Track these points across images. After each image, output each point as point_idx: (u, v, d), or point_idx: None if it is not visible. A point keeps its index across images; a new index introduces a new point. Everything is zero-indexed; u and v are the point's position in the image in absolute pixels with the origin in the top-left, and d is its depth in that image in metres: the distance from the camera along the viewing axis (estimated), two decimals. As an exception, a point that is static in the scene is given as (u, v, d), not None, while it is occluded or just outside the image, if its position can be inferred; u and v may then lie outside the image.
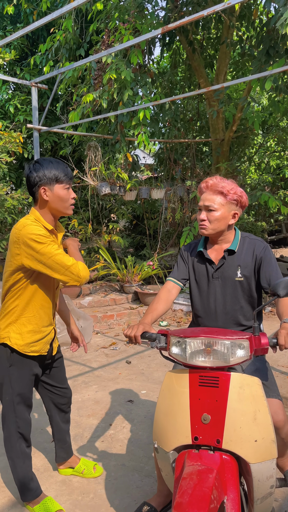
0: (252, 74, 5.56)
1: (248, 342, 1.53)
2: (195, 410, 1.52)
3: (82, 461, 2.50)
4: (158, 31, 3.76)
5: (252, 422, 1.45)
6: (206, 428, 1.49)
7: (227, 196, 1.91)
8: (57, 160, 2.01)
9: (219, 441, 1.46)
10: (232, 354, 1.52)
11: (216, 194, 1.93)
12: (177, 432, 1.53)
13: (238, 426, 1.45)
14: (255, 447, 1.43)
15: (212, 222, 1.94)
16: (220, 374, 1.53)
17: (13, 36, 4.02)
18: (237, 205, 1.96)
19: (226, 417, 1.47)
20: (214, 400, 1.50)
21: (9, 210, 5.96)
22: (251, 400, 1.48)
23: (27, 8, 7.67)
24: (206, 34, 7.28)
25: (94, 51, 5.89)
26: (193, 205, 6.76)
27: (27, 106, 7.77)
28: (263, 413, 1.47)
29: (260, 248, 1.97)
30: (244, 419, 1.46)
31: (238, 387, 1.50)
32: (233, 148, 8.07)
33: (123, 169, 6.27)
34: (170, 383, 1.62)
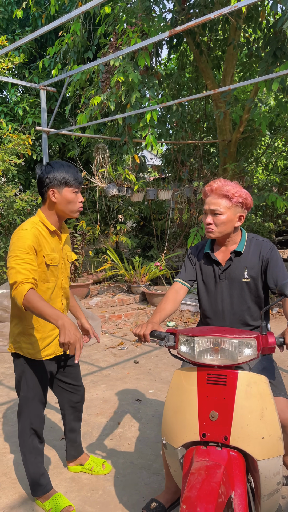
0: (259, 76, 5.58)
1: (256, 341, 1.56)
2: (203, 407, 1.55)
3: (91, 458, 2.55)
4: (166, 34, 3.80)
5: (259, 419, 1.48)
6: (214, 425, 1.52)
7: (232, 199, 1.92)
8: (68, 164, 2.06)
9: (227, 438, 1.49)
10: (239, 353, 1.55)
11: (221, 198, 1.94)
12: (186, 428, 1.56)
13: (245, 423, 1.48)
14: (262, 444, 1.46)
15: (219, 226, 1.95)
16: (228, 372, 1.56)
17: (22, 40, 4.09)
18: (242, 207, 1.97)
19: (233, 414, 1.50)
20: (222, 397, 1.53)
21: (18, 211, 6.04)
22: (258, 397, 1.51)
23: (36, 12, 7.76)
24: (213, 36, 7.30)
25: (102, 54, 5.94)
26: (200, 206, 6.78)
27: (35, 108, 7.86)
28: (270, 410, 1.50)
29: (266, 249, 1.99)
30: (251, 416, 1.49)
31: (245, 385, 1.53)
32: (240, 149, 8.08)
33: (130, 171, 6.32)
34: (179, 381, 1.65)
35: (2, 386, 3.80)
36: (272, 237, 10.22)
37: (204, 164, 7.89)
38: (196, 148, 7.92)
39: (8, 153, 5.77)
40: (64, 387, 2.34)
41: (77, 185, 2.04)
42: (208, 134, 8.86)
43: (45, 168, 2.03)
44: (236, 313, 2.05)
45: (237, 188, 1.95)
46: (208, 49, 7.11)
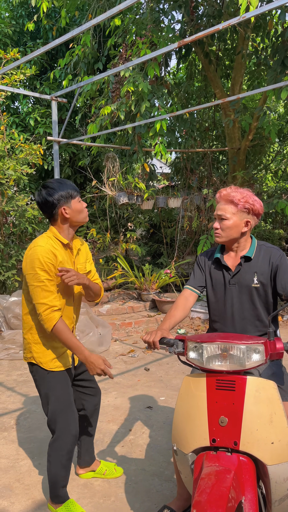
0: (267, 84, 5.62)
1: (263, 346, 1.58)
2: (213, 413, 1.56)
3: (102, 463, 2.57)
4: (175, 45, 3.86)
5: (268, 424, 1.49)
6: (224, 430, 1.53)
7: (238, 205, 1.97)
8: (61, 179, 2.15)
9: (237, 443, 1.50)
10: (248, 358, 1.57)
11: (227, 204, 1.99)
12: (195, 434, 1.58)
13: (254, 428, 1.49)
14: (272, 449, 1.47)
15: (224, 230, 2.00)
16: (237, 378, 1.57)
17: (35, 53, 4.18)
18: (249, 213, 2.00)
19: (243, 419, 1.51)
20: (231, 403, 1.54)
21: (30, 220, 6.12)
22: (267, 403, 1.52)
23: (47, 25, 7.92)
24: (222, 45, 7.38)
25: (112, 65, 6.04)
26: (210, 213, 6.81)
27: (46, 118, 7.98)
28: (279, 415, 1.51)
29: (276, 256, 2.01)
30: (260, 422, 1.49)
31: (254, 390, 1.54)
32: (249, 157, 8.10)
33: (140, 179, 6.38)
34: (188, 387, 1.67)
35: (15, 393, 3.84)
36: (282, 244, 10.18)
37: (213, 172, 7.92)
38: (205, 156, 7.97)
39: (20, 163, 5.87)
40: (83, 391, 2.38)
41: (78, 194, 2.14)
42: (217, 142, 8.91)
43: (47, 191, 2.09)
44: (245, 318, 2.07)
45: (245, 194, 1.98)
46: (217, 58, 7.18)
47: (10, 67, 4.64)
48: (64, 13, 6.71)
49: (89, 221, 7.74)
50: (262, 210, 2.04)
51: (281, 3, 3.15)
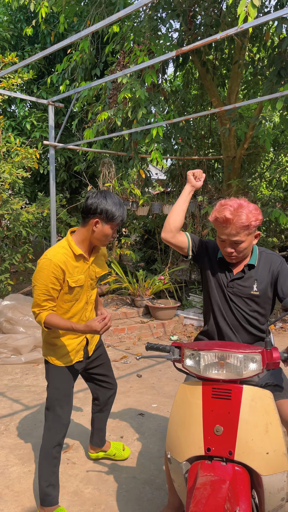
0: (263, 94, 5.68)
1: (261, 356, 1.58)
2: (208, 421, 1.56)
3: (112, 444, 2.76)
4: (173, 53, 3.89)
5: (264, 434, 1.49)
6: (219, 439, 1.53)
7: (250, 226, 1.91)
8: (120, 201, 2.15)
9: (231, 453, 1.50)
10: (245, 368, 1.57)
11: (240, 229, 1.91)
12: (190, 443, 1.57)
13: (250, 438, 1.49)
14: (267, 459, 1.47)
15: (241, 252, 1.98)
16: (233, 387, 1.57)
17: (33, 58, 4.19)
18: (257, 227, 2.03)
19: (238, 429, 1.50)
20: (227, 412, 1.54)
21: (24, 224, 6.10)
22: (263, 412, 1.52)
23: (45, 30, 7.95)
24: (219, 55, 7.45)
25: (109, 71, 6.07)
26: (204, 220, 6.83)
27: (43, 123, 7.99)
28: (275, 425, 1.51)
29: (277, 263, 2.03)
30: (256, 431, 1.49)
31: (250, 400, 1.54)
32: (244, 165, 8.16)
33: (136, 185, 6.39)
34: (184, 395, 1.67)
35: (5, 398, 3.81)
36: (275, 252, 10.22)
37: (208, 180, 7.96)
38: (201, 163, 8.01)
39: (16, 167, 5.86)
40: (99, 383, 2.55)
41: (119, 224, 2.13)
42: (212, 150, 8.97)
43: (102, 198, 2.08)
44: (240, 323, 2.07)
45: (253, 212, 1.92)
46: (214, 67, 7.24)
47: (8, 71, 4.64)
48: (63, 18, 6.74)
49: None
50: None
51: (278, 14, 3.19)
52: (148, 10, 6.22)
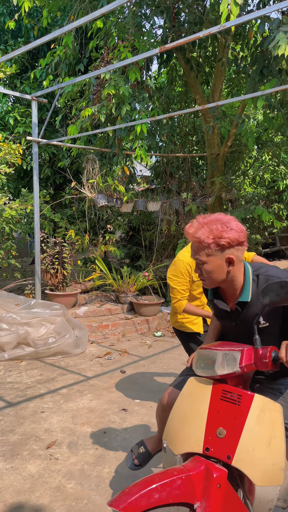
0: (246, 92, 5.73)
1: (240, 354, 1.55)
2: (212, 422, 1.55)
3: None
4: (156, 50, 3.90)
5: (266, 446, 1.49)
6: (220, 442, 1.52)
7: (205, 243, 1.61)
8: None
9: (230, 457, 1.49)
10: (221, 366, 1.56)
11: (199, 245, 1.64)
12: (190, 438, 1.57)
13: (251, 447, 1.48)
14: (264, 471, 1.47)
15: (207, 276, 1.68)
16: (244, 393, 1.55)
17: (16, 52, 4.16)
18: (229, 248, 1.62)
19: (241, 436, 1.49)
20: (233, 417, 1.53)
21: (7, 220, 6.05)
22: (270, 424, 1.51)
23: (28, 24, 7.85)
24: (202, 52, 7.47)
25: (93, 67, 6.04)
26: (189, 217, 6.88)
27: (26, 118, 7.91)
28: (279, 440, 1.50)
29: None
30: (259, 442, 1.49)
31: (259, 410, 1.52)
32: (228, 163, 8.22)
33: (120, 182, 6.39)
34: (192, 389, 1.66)
35: (-12, 395, 3.79)
36: (258, 249, 10.37)
37: (192, 177, 8.01)
38: (185, 160, 8.05)
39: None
40: None
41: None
42: (197, 147, 9.01)
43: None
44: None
45: (213, 227, 1.62)
46: (198, 65, 7.27)
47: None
48: (46, 13, 6.67)
49: (68, 222, 7.69)
50: (242, 236, 1.64)
51: (261, 13, 3.22)
52: (132, 6, 6.20)
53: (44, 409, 3.51)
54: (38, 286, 5.83)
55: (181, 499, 1.41)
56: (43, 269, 6.12)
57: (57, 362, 4.70)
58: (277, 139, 8.83)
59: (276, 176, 9.43)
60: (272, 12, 3.29)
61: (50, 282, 6.17)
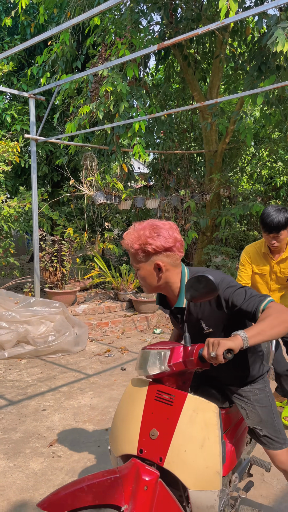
0: (244, 89, 5.73)
1: (169, 352, 1.49)
2: (146, 423, 1.51)
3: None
4: (155, 47, 3.89)
5: (198, 448, 1.42)
6: (152, 443, 1.47)
7: (138, 251, 1.62)
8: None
9: (162, 459, 1.44)
10: (150, 365, 1.52)
11: (130, 250, 1.65)
12: (126, 440, 1.53)
13: (183, 449, 1.42)
14: (197, 474, 1.40)
15: (142, 283, 1.69)
16: (177, 393, 1.49)
17: (13, 50, 4.14)
18: (156, 254, 1.61)
19: (173, 437, 1.44)
20: (166, 417, 1.48)
21: (5, 218, 6.03)
22: (203, 426, 1.44)
23: (25, 21, 7.81)
24: (200, 49, 7.46)
25: (91, 64, 6.02)
26: (187, 214, 6.88)
27: (23, 115, 7.88)
28: (213, 442, 1.43)
29: (215, 297, 1.61)
30: (190, 444, 1.43)
31: (191, 410, 1.46)
32: (225, 159, 8.22)
33: (118, 179, 6.38)
34: (132, 390, 1.63)
35: (-11, 393, 3.79)
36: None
37: (191, 174, 8.00)
38: (183, 157, 8.04)
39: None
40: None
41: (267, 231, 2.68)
42: (194, 144, 9.00)
43: None
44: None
45: (141, 233, 1.61)
46: (195, 61, 7.25)
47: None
48: (43, 10, 6.64)
49: (66, 220, 7.68)
50: (170, 242, 1.60)
51: (259, 10, 3.22)
52: (130, 3, 6.18)
53: (45, 407, 3.52)
54: (37, 284, 5.82)
55: (108, 500, 1.38)
56: (42, 267, 6.12)
57: (57, 360, 4.70)
58: (275, 136, 8.83)
59: (274, 172, 9.44)
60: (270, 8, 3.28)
61: (49, 280, 6.17)
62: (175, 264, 1.64)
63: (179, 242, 1.63)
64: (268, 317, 1.46)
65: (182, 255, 1.66)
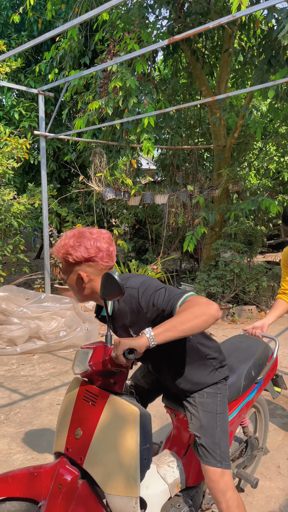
0: (253, 83, 5.70)
1: (92, 352, 1.49)
2: (73, 422, 1.53)
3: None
4: (165, 42, 3.88)
5: (115, 451, 1.40)
6: (76, 443, 1.49)
7: (62, 260, 1.63)
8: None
9: (82, 459, 1.45)
10: (77, 364, 1.53)
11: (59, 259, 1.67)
12: (58, 438, 1.57)
13: (101, 450, 1.42)
14: (112, 478, 1.39)
15: (72, 291, 1.70)
16: (101, 394, 1.49)
17: (24, 46, 4.15)
18: (77, 265, 1.60)
19: (93, 438, 1.44)
20: (89, 417, 1.49)
21: (15, 215, 6.07)
22: (120, 429, 1.42)
23: (32, 17, 7.81)
24: (208, 43, 7.43)
25: (100, 60, 6.01)
26: (195, 210, 6.88)
27: (31, 112, 7.90)
28: (129, 445, 1.40)
29: (135, 301, 1.56)
30: (108, 446, 1.41)
31: (112, 412, 1.44)
32: (233, 154, 8.20)
33: (127, 175, 6.39)
34: (69, 389, 1.65)
35: (3, 388, 3.83)
36: (264, 240, 10.36)
37: (199, 169, 7.99)
38: (191, 153, 8.03)
39: (6, 157, 5.80)
40: None
41: None
42: (204, 139, 8.98)
43: None
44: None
45: (64, 243, 1.60)
46: (203, 56, 7.23)
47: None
48: (50, 5, 6.63)
49: (75, 217, 7.71)
50: (92, 253, 1.58)
51: (271, 3, 3.20)
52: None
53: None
54: (47, 280, 5.86)
55: (28, 494, 1.42)
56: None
57: (69, 355, 4.74)
58: (282, 130, 8.79)
59: (281, 167, 9.40)
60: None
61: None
62: (100, 274, 1.60)
63: (104, 252, 1.59)
64: (181, 312, 1.40)
65: (108, 264, 1.62)
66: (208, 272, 6.71)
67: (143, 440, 1.42)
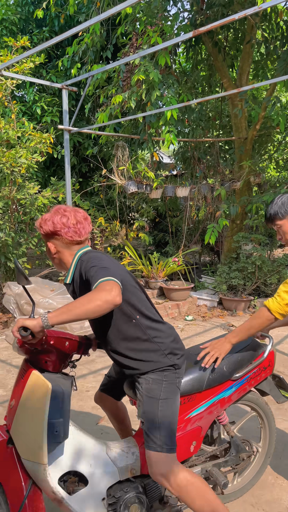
0: (276, 74, 5.67)
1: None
2: (13, 394, 1.75)
3: None
4: (189, 34, 3.91)
5: (30, 421, 1.60)
6: (10, 412, 1.72)
7: (39, 231, 1.86)
8: None
9: (8, 426, 1.70)
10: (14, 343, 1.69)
11: None
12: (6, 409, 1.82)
13: (21, 419, 1.64)
14: (26, 444, 1.61)
15: (55, 265, 1.93)
16: (28, 369, 1.68)
17: (49, 42, 4.25)
18: (48, 237, 1.81)
19: (17, 408, 1.66)
20: (19, 390, 1.68)
21: (39, 208, 6.18)
22: (35, 401, 1.60)
23: (53, 12, 7.89)
24: (230, 35, 7.38)
25: (122, 53, 6.06)
26: (217, 202, 6.89)
27: (53, 107, 8.00)
28: (39, 418, 1.58)
29: (83, 266, 1.70)
30: (25, 416, 1.62)
31: (31, 385, 1.63)
32: (255, 146, 8.16)
33: (149, 168, 6.44)
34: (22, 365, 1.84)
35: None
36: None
37: (220, 161, 7.99)
38: (212, 145, 8.02)
39: (30, 152, 5.91)
40: None
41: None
42: (224, 132, 8.95)
43: None
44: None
45: (44, 217, 1.82)
46: (225, 47, 7.20)
47: (23, 55, 4.68)
48: (73, 0, 6.69)
49: (96, 210, 7.80)
50: (58, 228, 1.76)
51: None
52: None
53: (88, 388, 3.66)
54: (71, 272, 5.96)
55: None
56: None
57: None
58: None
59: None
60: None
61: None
62: (66, 247, 1.80)
63: (71, 228, 1.76)
64: (83, 296, 1.48)
65: (73, 239, 1.78)
66: (229, 265, 6.74)
67: (55, 413, 1.59)
